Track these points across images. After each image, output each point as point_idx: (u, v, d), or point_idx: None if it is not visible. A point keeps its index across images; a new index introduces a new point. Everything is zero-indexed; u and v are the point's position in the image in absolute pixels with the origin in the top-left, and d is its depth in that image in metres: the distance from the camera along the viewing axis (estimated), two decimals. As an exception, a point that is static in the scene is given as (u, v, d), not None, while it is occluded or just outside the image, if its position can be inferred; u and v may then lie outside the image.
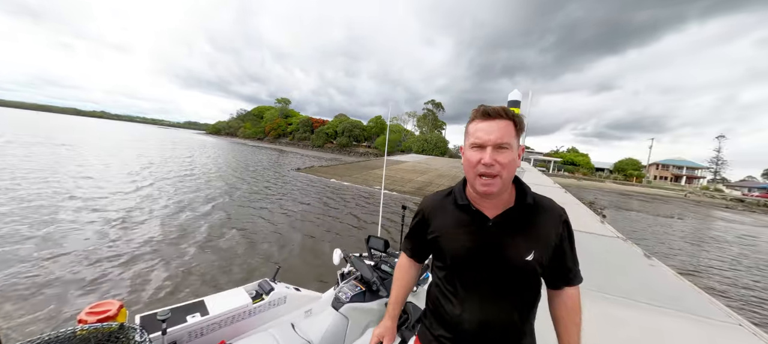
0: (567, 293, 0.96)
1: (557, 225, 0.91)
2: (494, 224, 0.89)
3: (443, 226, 0.97)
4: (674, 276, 3.86)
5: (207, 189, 10.93)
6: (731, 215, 23.78)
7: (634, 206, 21.57)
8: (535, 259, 0.88)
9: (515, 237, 0.89)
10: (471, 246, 0.90)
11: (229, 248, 5.53)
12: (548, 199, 0.95)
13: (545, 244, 0.89)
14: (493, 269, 0.90)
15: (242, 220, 7.51)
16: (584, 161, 60.92)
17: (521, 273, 0.89)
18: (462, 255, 0.92)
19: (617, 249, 4.88)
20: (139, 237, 5.55)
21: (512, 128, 0.84)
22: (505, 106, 0.86)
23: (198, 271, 4.53)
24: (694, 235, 13.01)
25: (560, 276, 0.95)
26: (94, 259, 4.50)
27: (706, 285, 6.44)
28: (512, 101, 10.06)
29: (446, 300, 0.97)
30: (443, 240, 0.96)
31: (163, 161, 18.00)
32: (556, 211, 0.93)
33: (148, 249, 5.08)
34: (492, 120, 0.83)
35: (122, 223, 6.21)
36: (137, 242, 5.30)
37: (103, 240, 5.22)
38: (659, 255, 8.22)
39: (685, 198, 35.48)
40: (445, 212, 0.98)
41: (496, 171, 0.82)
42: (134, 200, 8.15)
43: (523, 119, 0.87)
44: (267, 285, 1.96)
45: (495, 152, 0.82)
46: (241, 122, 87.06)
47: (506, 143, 0.82)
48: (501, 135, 0.82)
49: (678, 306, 2.99)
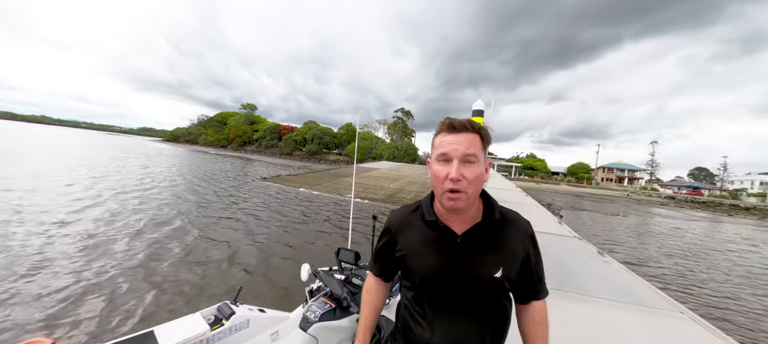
0: (534, 307, 0.95)
1: (524, 239, 0.90)
2: (462, 240, 0.87)
3: (411, 244, 0.94)
4: (625, 271, 4.16)
5: (158, 203, 9.95)
6: (666, 211, 26.89)
7: (586, 206, 23.51)
8: (503, 275, 0.86)
9: (484, 254, 0.87)
10: (439, 265, 0.88)
11: (183, 270, 4.96)
12: (514, 212, 0.95)
13: (513, 259, 0.88)
14: (462, 288, 0.87)
15: (199, 238, 6.88)
16: (541, 165, 65.58)
17: (491, 291, 0.88)
18: (430, 275, 0.89)
19: (574, 248, 5.18)
20: (76, 261, 4.83)
21: (479, 141, 0.81)
22: (471, 119, 0.83)
23: (147, 297, 4.01)
24: (638, 230, 14.44)
25: (527, 291, 0.94)
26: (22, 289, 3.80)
27: (649, 273, 7.10)
28: (476, 110, 10.39)
29: (415, 322, 0.93)
30: (411, 259, 0.93)
31: (113, 172, 16.16)
32: (522, 225, 0.92)
33: (89, 275, 4.42)
34: (458, 133, 0.81)
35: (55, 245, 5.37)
36: (75, 267, 4.60)
37: (31, 264, 4.45)
38: (611, 251, 8.95)
39: (627, 197, 39.54)
40: (412, 228, 0.95)
41: (463, 187, 0.79)
42: (77, 220, 7.14)
43: (489, 133, 0.85)
44: (227, 309, 1.79)
45: (461, 165, 0.79)
46: (203, 128, 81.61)
47: (472, 156, 0.79)
48: (467, 148, 0.79)
49: (630, 299, 3.20)
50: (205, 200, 11.04)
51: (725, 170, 60.90)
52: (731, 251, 11.32)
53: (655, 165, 67.63)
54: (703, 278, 7.40)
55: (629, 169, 71.14)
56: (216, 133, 76.61)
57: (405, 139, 63.39)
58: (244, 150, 67.49)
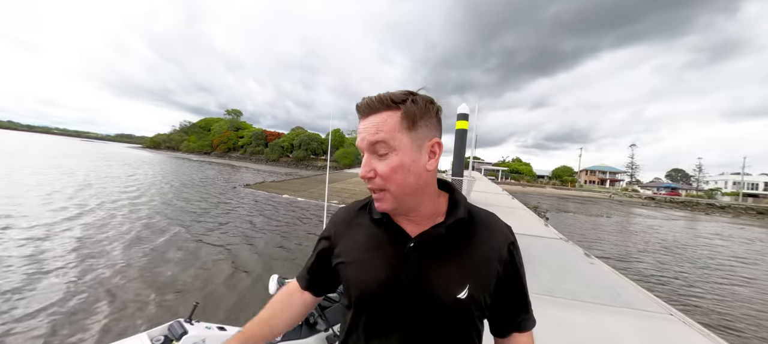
0: (517, 343, 0.70)
1: (501, 248, 0.66)
2: (416, 245, 0.65)
3: (352, 248, 0.71)
4: (612, 273, 4.04)
5: (127, 211, 9.34)
6: (647, 211, 27.74)
7: (571, 208, 23.95)
8: (470, 296, 0.62)
9: (443, 265, 0.64)
10: (383, 277, 0.64)
11: (135, 285, 4.53)
12: (490, 213, 0.72)
13: (484, 275, 0.64)
14: (411, 311, 0.63)
15: (163, 248, 6.41)
16: (527, 169, 67.05)
17: (451, 317, 0.63)
18: (370, 291, 0.65)
19: (560, 250, 5.07)
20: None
21: (394, 120, 0.59)
22: (393, 92, 0.61)
23: (91, 315, 3.59)
24: (621, 230, 14.70)
25: (506, 320, 0.70)
26: None
27: (637, 272, 7.10)
28: (461, 114, 10.38)
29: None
30: (349, 268, 0.69)
31: (92, 181, 15.23)
32: (499, 229, 0.69)
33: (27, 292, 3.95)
34: (367, 117, 0.61)
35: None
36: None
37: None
38: (596, 252, 8.97)
39: (610, 199, 40.70)
40: (356, 229, 0.73)
41: (378, 185, 0.61)
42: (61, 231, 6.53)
43: (423, 103, 0.60)
44: (179, 328, 1.60)
45: (371, 158, 0.61)
46: (185, 134, 79.39)
47: (382, 144, 0.59)
48: (372, 134, 0.59)
49: (618, 302, 3.06)
50: (186, 209, 10.47)
51: (700, 171, 63.88)
52: (719, 245, 11.62)
53: (635, 167, 70.25)
54: (696, 274, 7.46)
55: (611, 171, 73.54)
56: (199, 139, 74.63)
57: (393, 144, 63.42)
58: (229, 157, 65.94)
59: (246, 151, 66.82)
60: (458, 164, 10.46)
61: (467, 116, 10.75)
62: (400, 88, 0.62)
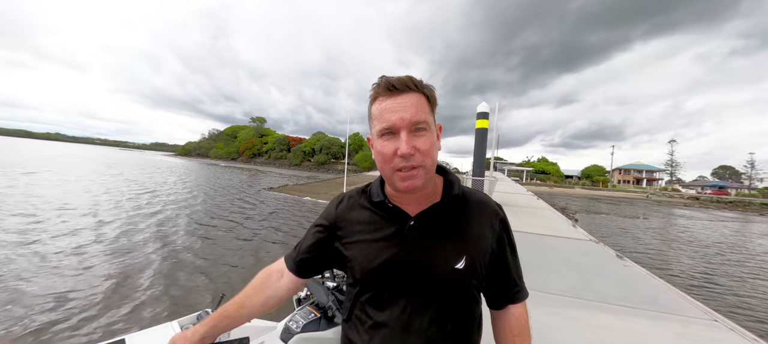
0: (512, 313, 0.76)
1: (493, 224, 0.73)
2: (416, 223, 0.69)
3: (355, 230, 0.75)
4: (647, 276, 3.77)
5: (161, 209, 10.00)
6: (690, 212, 25.53)
7: (602, 209, 22.55)
8: (467, 267, 0.67)
9: (442, 240, 0.69)
10: (386, 255, 0.69)
11: (170, 276, 4.93)
12: (482, 193, 0.78)
13: (480, 247, 0.70)
14: (415, 283, 0.68)
15: (196, 244, 6.80)
16: (554, 169, 64.09)
17: (452, 288, 0.68)
18: (375, 268, 0.69)
19: (589, 251, 4.80)
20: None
21: (426, 103, 0.65)
22: (410, 76, 0.65)
23: (127, 302, 3.92)
24: (660, 232, 13.63)
25: (501, 292, 0.75)
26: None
27: (675, 278, 6.55)
28: (480, 112, 10.13)
29: (356, 332, 0.73)
30: (354, 249, 0.73)
31: (150, 187, 16.52)
32: (490, 207, 0.75)
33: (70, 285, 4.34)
34: (400, 95, 0.63)
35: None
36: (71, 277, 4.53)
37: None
38: (631, 255, 8.39)
39: (647, 199, 37.88)
40: (357, 212, 0.77)
41: (418, 161, 0.63)
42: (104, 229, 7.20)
43: (434, 91, 0.68)
44: (205, 317, 1.69)
45: (411, 136, 0.62)
46: (213, 142, 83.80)
47: (423, 123, 0.63)
48: (414, 114, 0.62)
49: (654, 306, 2.84)
50: (212, 211, 11.04)
51: (753, 167, 57.95)
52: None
53: (675, 165, 64.99)
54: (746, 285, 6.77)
55: (647, 170, 68.52)
56: (226, 146, 78.43)
57: (413, 146, 63.12)
58: (254, 162, 68.65)
59: (270, 156, 69.29)
60: (479, 165, 10.17)
61: (487, 114, 10.47)
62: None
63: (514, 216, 7.39)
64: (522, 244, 4.82)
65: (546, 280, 3.31)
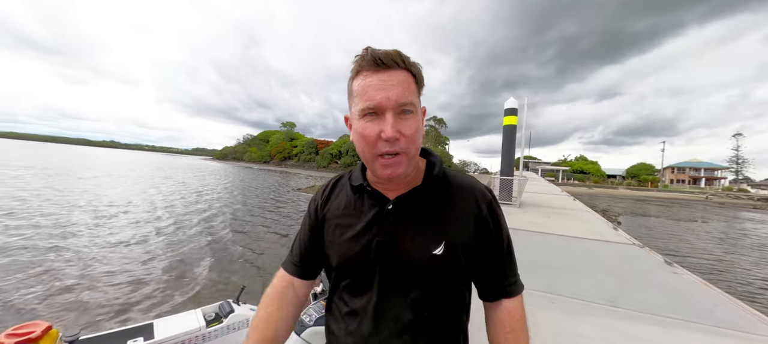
0: (504, 307, 0.68)
1: (479, 206, 0.66)
2: (394, 207, 0.66)
3: (334, 216, 0.72)
4: (701, 285, 3.33)
5: (208, 207, 10.78)
6: (761, 215, 22.32)
7: (651, 212, 20.50)
8: (445, 252, 0.63)
9: (421, 223, 0.65)
10: (362, 241, 0.66)
11: (218, 265, 5.48)
12: (469, 176, 0.74)
13: (460, 232, 0.65)
14: (391, 269, 0.64)
15: (240, 238, 7.34)
16: (594, 168, 59.52)
17: (428, 273, 0.63)
18: (351, 254, 0.67)
19: (631, 256, 4.36)
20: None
21: (414, 83, 0.60)
22: (401, 51, 0.59)
23: (157, 291, 4.37)
24: (723, 237, 12.05)
25: (492, 284, 0.69)
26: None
27: (739, 289, 5.73)
28: (508, 109, 9.64)
29: (334, 320, 0.71)
30: (331, 235, 0.71)
31: (198, 189, 18.12)
32: (477, 189, 0.69)
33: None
34: (387, 71, 0.57)
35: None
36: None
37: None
38: (685, 262, 7.52)
39: (706, 200, 33.80)
40: (336, 198, 0.74)
41: (402, 147, 0.58)
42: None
43: (421, 70, 0.62)
44: (228, 307, 1.83)
45: (397, 119, 0.57)
46: (247, 146, 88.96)
47: (410, 105, 0.58)
48: (401, 94, 0.56)
49: (708, 320, 2.49)
50: (249, 211, 11.72)
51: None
52: None
53: (742, 162, 57.05)
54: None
55: (707, 168, 61.21)
56: (259, 150, 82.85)
57: (438, 147, 62.22)
58: (285, 165, 71.75)
59: (299, 159, 72.02)
60: (507, 164, 9.68)
61: (516, 111, 9.93)
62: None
63: (546, 218, 6.95)
64: (551, 247, 4.52)
65: (578, 286, 3.06)
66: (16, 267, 4.72)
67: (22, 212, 8.45)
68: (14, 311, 3.57)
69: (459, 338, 0.69)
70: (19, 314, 3.52)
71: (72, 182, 16.53)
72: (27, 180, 15.44)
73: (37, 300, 3.80)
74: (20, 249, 5.50)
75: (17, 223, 7.25)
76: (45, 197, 11.19)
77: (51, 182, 15.62)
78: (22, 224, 7.22)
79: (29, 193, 11.70)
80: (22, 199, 10.37)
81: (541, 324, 2.26)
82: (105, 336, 1.41)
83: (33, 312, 3.58)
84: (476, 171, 57.83)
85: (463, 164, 61.04)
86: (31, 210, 8.74)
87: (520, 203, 8.38)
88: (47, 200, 10.66)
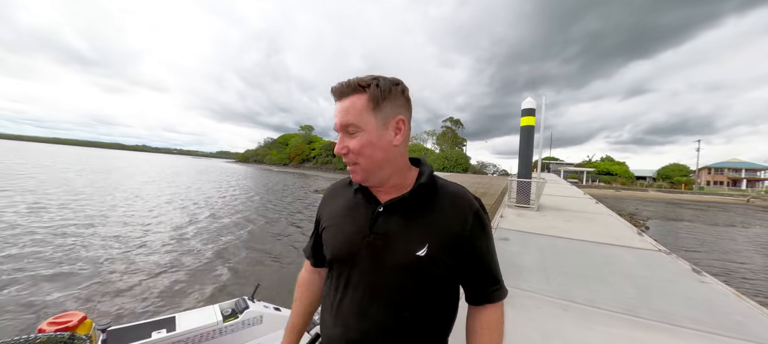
0: (485, 312, 0.75)
1: (465, 215, 0.72)
2: (385, 210, 0.74)
3: (332, 214, 0.83)
4: (733, 296, 3.12)
5: (239, 210, 11.27)
6: (811, 221, 20.31)
7: (685, 216, 19.21)
8: (428, 255, 0.68)
9: (407, 226, 0.72)
10: (353, 238, 0.75)
11: (246, 260, 5.96)
12: (459, 186, 0.79)
13: (445, 236, 0.70)
14: (376, 268, 0.72)
15: (262, 235, 7.70)
16: (621, 169, 56.45)
17: (411, 273, 0.69)
18: (342, 250, 0.76)
19: (655, 263, 4.13)
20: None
21: (362, 102, 0.67)
22: (362, 77, 0.69)
23: (214, 276, 4.92)
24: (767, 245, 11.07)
25: (479, 289, 0.75)
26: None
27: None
28: (526, 109, 9.36)
29: (326, 310, 0.80)
30: (327, 232, 0.81)
31: (225, 190, 19.05)
32: (465, 198, 0.75)
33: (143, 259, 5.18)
34: (340, 99, 0.70)
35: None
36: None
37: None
38: (718, 272, 7.01)
39: (748, 204, 31.22)
40: (338, 197, 0.85)
41: (351, 160, 0.70)
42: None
43: (386, 86, 0.68)
44: (243, 303, 1.93)
45: (345, 137, 0.70)
46: (268, 149, 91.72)
47: (351, 125, 0.68)
48: (343, 118, 0.69)
49: (739, 333, 2.33)
50: (267, 212, 12.13)
51: None
52: None
53: (790, 162, 52.23)
54: None
55: (748, 168, 56.55)
56: (279, 153, 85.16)
57: (455, 148, 61.27)
58: (303, 167, 73.32)
59: (317, 161, 73.35)
60: (525, 165, 9.40)
61: (533, 111, 9.65)
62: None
63: (565, 222, 6.71)
64: (567, 252, 4.37)
65: (592, 293, 2.95)
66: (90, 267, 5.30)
67: (99, 215, 9.21)
68: (67, 289, 4.23)
69: (437, 340, 0.73)
70: (62, 300, 3.98)
71: (120, 179, 17.77)
72: (80, 182, 16.77)
73: (85, 287, 4.40)
74: (99, 250, 6.22)
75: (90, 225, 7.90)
76: (115, 198, 12.10)
77: (104, 182, 16.98)
78: (104, 226, 7.87)
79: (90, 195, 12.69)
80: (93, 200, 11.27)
81: (551, 331, 2.21)
82: (132, 327, 1.51)
83: (80, 298, 4.09)
84: (495, 173, 56.23)
85: (481, 166, 59.63)
86: (114, 213, 9.62)
87: (539, 207, 8.14)
88: (128, 201, 11.60)
